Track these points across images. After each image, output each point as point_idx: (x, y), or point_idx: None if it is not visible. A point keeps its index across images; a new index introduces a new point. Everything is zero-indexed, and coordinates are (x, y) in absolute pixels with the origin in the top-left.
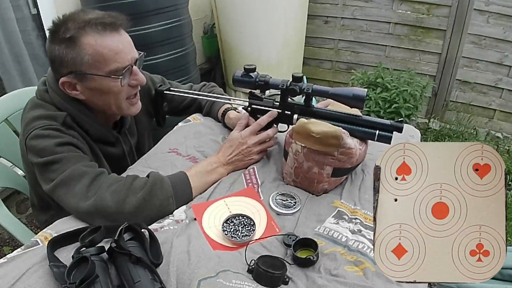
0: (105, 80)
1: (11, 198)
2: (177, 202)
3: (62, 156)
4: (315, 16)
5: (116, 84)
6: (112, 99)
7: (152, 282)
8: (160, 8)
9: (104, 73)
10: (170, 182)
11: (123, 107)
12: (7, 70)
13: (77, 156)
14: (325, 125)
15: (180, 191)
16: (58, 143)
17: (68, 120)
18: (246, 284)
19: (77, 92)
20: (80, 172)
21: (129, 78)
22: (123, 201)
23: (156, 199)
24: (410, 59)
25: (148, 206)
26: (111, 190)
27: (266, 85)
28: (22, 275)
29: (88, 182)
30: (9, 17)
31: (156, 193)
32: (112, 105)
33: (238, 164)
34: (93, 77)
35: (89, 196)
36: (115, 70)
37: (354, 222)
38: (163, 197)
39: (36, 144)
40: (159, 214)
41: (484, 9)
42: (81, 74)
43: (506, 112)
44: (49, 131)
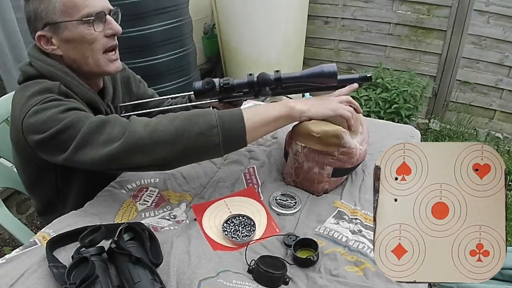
0: (79, 27)
1: (11, 198)
2: (224, 134)
3: (70, 121)
4: (315, 16)
5: (90, 31)
6: (88, 51)
7: (152, 283)
8: (161, 8)
9: (76, 18)
10: (216, 112)
11: (101, 62)
12: (7, 70)
13: (85, 116)
14: (326, 125)
15: (229, 122)
16: (62, 110)
17: (63, 89)
18: (246, 284)
19: (54, 47)
20: (97, 123)
21: (104, 28)
22: (156, 129)
23: (197, 127)
24: (410, 59)
25: (187, 134)
26: (143, 123)
27: (232, 88)
28: (20, 276)
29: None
30: (10, 17)
31: (198, 120)
32: (89, 58)
33: (315, 103)
34: (66, 25)
35: (119, 136)
36: (87, 15)
37: (354, 222)
38: (206, 126)
39: (37, 119)
40: (201, 148)
41: (484, 10)
42: (55, 24)
43: (506, 112)
44: (47, 103)
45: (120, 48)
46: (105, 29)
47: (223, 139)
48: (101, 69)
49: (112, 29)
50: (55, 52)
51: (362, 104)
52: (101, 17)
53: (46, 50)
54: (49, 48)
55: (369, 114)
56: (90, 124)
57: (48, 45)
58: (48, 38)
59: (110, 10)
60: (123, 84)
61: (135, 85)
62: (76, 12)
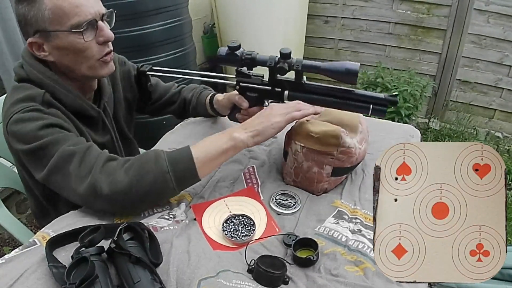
0: (69, 37)
1: (11, 198)
2: (176, 178)
3: (47, 140)
4: (315, 16)
5: (80, 40)
6: (80, 58)
7: (152, 282)
8: (160, 8)
9: (66, 28)
10: (166, 156)
11: (95, 67)
12: (7, 70)
13: (63, 137)
14: (324, 125)
15: (179, 164)
16: (41, 126)
17: (47, 98)
18: (246, 284)
19: (46, 53)
20: (68, 152)
21: (96, 35)
22: (116, 181)
23: (150, 175)
24: (410, 59)
25: (142, 183)
26: (104, 171)
27: (253, 62)
28: (20, 276)
29: (79, 160)
30: (9, 17)
31: (151, 168)
32: (82, 64)
33: (258, 127)
34: (56, 34)
35: (83, 176)
36: (77, 25)
37: (354, 222)
38: (158, 173)
39: (18, 129)
40: (158, 193)
41: (484, 9)
42: (45, 32)
43: (506, 112)
44: (29, 113)
45: (119, 48)
46: (97, 36)
47: (176, 182)
48: (95, 73)
49: (104, 36)
50: (47, 59)
51: None
52: (92, 25)
53: (38, 56)
54: (40, 55)
55: None
56: (61, 153)
57: (40, 51)
58: (39, 44)
59: (103, 14)
60: (123, 80)
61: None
62: (66, 20)
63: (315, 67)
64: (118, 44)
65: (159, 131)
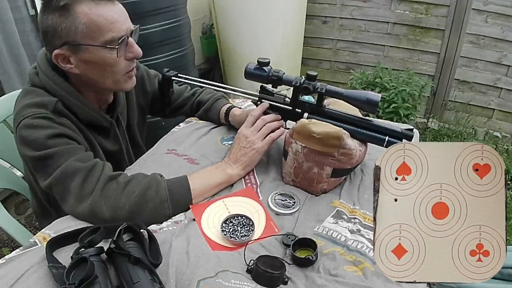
0: (101, 51)
1: (10, 199)
2: (173, 206)
3: (54, 150)
4: (314, 16)
5: (112, 55)
6: (107, 72)
7: (152, 283)
8: (159, 8)
9: (99, 43)
10: (166, 185)
11: (120, 81)
12: (5, 71)
13: (70, 149)
14: (326, 126)
15: (177, 195)
16: (50, 135)
17: (59, 107)
18: (245, 284)
19: (71, 66)
20: (72, 169)
21: (125, 51)
22: (116, 206)
23: (151, 203)
24: (408, 59)
25: (142, 211)
26: (105, 195)
27: (279, 80)
28: (21, 276)
29: (82, 180)
30: (8, 18)
31: (151, 197)
32: (108, 79)
33: (244, 159)
34: (87, 48)
35: (83, 196)
36: (111, 40)
37: (353, 221)
38: (158, 202)
39: (27, 135)
40: (155, 219)
41: (482, 9)
42: (75, 45)
43: (505, 111)
44: (39, 120)
45: None
46: (126, 52)
47: (172, 209)
48: (119, 87)
49: (134, 52)
50: (72, 71)
51: None
52: (124, 41)
53: (63, 68)
54: (66, 66)
55: (368, 114)
56: (66, 167)
57: (65, 63)
58: (66, 56)
59: (132, 31)
60: (136, 86)
61: (149, 83)
62: (100, 35)
63: (338, 93)
64: None
65: (158, 131)
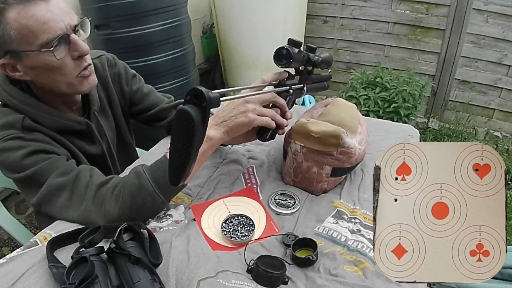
0: (40, 56)
1: (10, 199)
2: (163, 192)
3: (33, 170)
4: (314, 16)
5: (52, 58)
6: (57, 76)
7: (152, 283)
8: (159, 8)
9: (36, 47)
10: (149, 174)
11: (74, 83)
12: None
13: (49, 164)
14: (324, 125)
15: (163, 179)
16: (24, 154)
17: (27, 122)
18: (245, 284)
19: (20, 73)
20: (56, 185)
21: (69, 50)
22: (107, 211)
23: (138, 199)
24: (409, 58)
25: (132, 209)
26: (96, 201)
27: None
28: (21, 275)
29: (69, 193)
30: None
31: (136, 192)
32: (59, 82)
33: (231, 120)
34: (27, 54)
35: (75, 207)
36: (46, 43)
37: (353, 221)
38: (145, 195)
39: (2, 159)
40: (150, 211)
41: (483, 9)
42: (16, 53)
43: (505, 111)
44: (10, 141)
45: (118, 48)
46: (70, 51)
47: (164, 196)
48: (75, 90)
49: (78, 50)
50: (23, 78)
51: (361, 103)
52: (65, 40)
53: (13, 76)
54: (15, 75)
55: (368, 113)
56: (49, 186)
57: (14, 71)
58: (12, 65)
59: (75, 26)
60: (114, 82)
61: (126, 82)
62: (34, 39)
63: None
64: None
65: (158, 131)
